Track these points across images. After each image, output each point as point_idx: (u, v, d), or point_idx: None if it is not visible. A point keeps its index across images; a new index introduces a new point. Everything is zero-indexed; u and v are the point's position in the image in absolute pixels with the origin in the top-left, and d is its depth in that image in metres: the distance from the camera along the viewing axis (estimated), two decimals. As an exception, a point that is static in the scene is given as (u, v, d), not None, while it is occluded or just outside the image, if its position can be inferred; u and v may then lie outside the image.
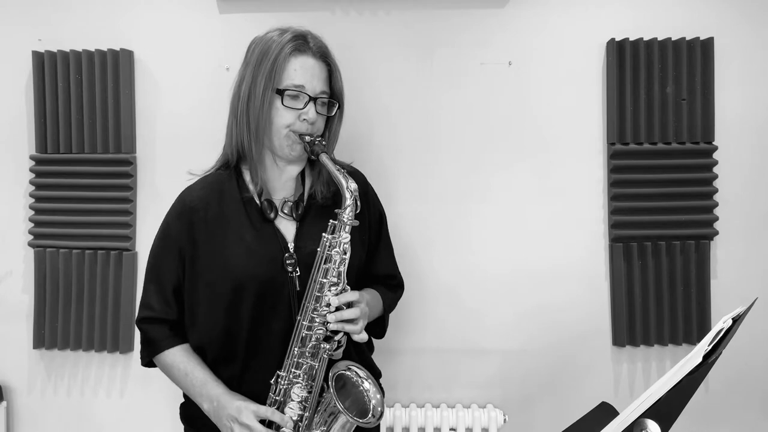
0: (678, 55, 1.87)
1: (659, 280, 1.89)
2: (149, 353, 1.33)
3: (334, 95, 1.33)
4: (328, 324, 1.20)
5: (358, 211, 1.23)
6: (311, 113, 1.26)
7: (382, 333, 1.50)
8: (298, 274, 1.27)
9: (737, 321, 0.94)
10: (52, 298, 1.95)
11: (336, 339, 1.23)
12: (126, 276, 1.92)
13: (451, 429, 1.85)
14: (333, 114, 1.34)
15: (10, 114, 1.97)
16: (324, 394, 1.26)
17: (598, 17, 1.89)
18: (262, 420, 1.20)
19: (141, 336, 1.35)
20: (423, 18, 1.89)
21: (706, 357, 0.84)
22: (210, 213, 1.28)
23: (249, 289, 1.25)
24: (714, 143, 1.88)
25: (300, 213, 1.33)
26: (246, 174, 1.34)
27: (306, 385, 1.24)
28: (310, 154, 1.26)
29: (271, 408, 1.22)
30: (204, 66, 1.91)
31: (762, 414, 1.96)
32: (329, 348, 1.22)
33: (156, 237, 1.35)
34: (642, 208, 1.88)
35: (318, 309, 1.21)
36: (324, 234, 1.22)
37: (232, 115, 1.30)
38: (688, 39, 1.87)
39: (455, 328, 1.93)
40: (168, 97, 1.94)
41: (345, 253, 1.22)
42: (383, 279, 1.48)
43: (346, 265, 1.22)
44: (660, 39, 1.87)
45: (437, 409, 1.87)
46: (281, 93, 1.24)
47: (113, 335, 1.94)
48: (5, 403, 1.99)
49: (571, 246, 1.91)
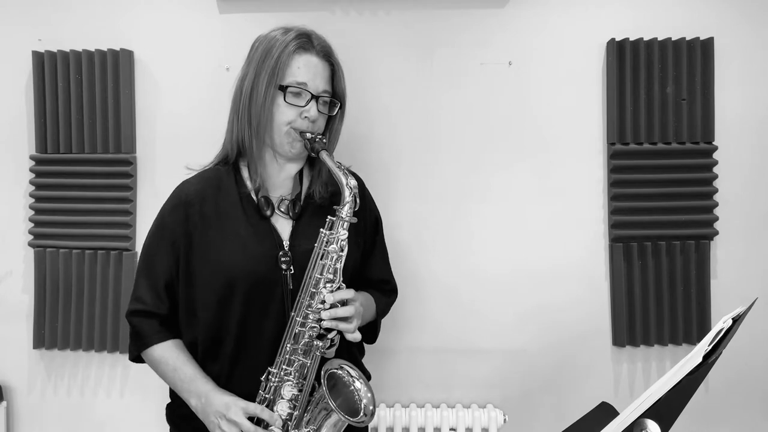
0: (678, 55, 1.87)
1: (659, 280, 1.89)
2: (138, 347, 1.32)
3: (335, 95, 1.33)
4: (321, 321, 1.19)
5: (356, 209, 1.23)
6: (313, 111, 1.26)
7: (374, 338, 1.49)
8: (292, 272, 1.27)
9: (737, 321, 0.94)
10: (52, 298, 1.95)
11: (329, 337, 1.22)
12: (126, 276, 1.92)
13: (451, 429, 1.85)
14: (334, 114, 1.34)
15: (10, 114, 1.97)
16: (314, 393, 1.25)
17: (598, 17, 1.89)
18: (250, 417, 1.19)
19: (130, 330, 1.33)
20: (423, 18, 1.89)
21: (706, 357, 0.84)
22: (206, 207, 1.28)
23: (241, 285, 1.24)
24: (714, 143, 1.88)
25: (297, 212, 1.33)
26: (244, 170, 1.34)
27: (297, 383, 1.23)
28: (310, 151, 1.25)
29: (261, 405, 1.21)
30: (204, 66, 1.91)
31: (762, 414, 1.96)
32: (322, 346, 1.21)
33: (150, 230, 1.34)
34: (642, 208, 1.88)
35: (312, 305, 1.21)
36: (321, 230, 1.22)
37: (233, 111, 1.31)
38: (688, 39, 1.87)
39: (455, 327, 1.93)
40: (168, 97, 1.94)
41: (342, 250, 1.22)
42: (377, 284, 1.47)
43: (342, 262, 1.22)
44: (660, 39, 1.87)
45: (437, 409, 1.87)
46: (284, 89, 1.24)
47: (113, 335, 1.94)
48: (5, 403, 1.99)
49: (571, 246, 1.91)
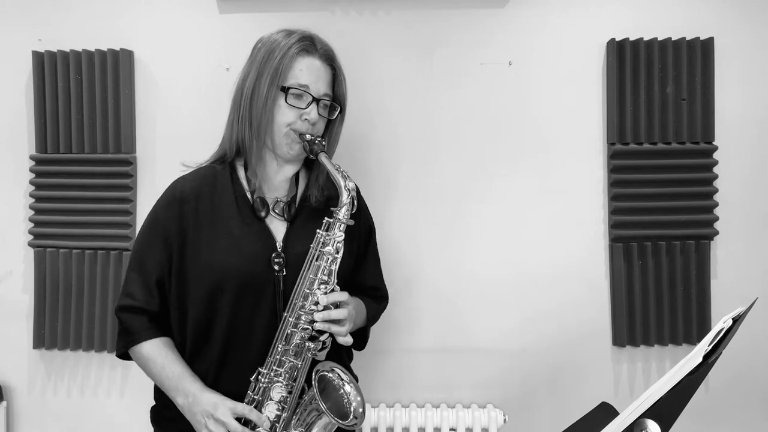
0: (678, 55, 1.87)
1: (659, 280, 1.89)
2: (126, 344, 1.31)
3: (336, 99, 1.34)
4: (314, 323, 1.19)
5: (354, 211, 1.23)
6: (313, 114, 1.27)
7: (363, 345, 1.48)
8: (284, 274, 1.27)
9: (737, 321, 0.94)
10: (52, 298, 1.95)
11: (321, 339, 1.22)
12: (126, 276, 1.92)
13: (451, 429, 1.85)
14: (334, 117, 1.34)
15: (10, 114, 1.97)
16: (304, 395, 1.24)
17: (598, 17, 1.89)
18: (238, 418, 1.19)
19: (118, 325, 1.32)
20: (423, 18, 1.89)
21: (706, 357, 0.84)
22: (201, 205, 1.28)
23: (233, 284, 1.24)
24: (714, 143, 1.88)
25: (292, 214, 1.33)
26: (240, 170, 1.34)
27: (287, 385, 1.23)
28: (309, 153, 1.25)
29: (249, 406, 1.21)
30: (204, 66, 1.91)
31: (762, 414, 1.96)
32: (314, 348, 1.21)
33: (143, 225, 1.33)
34: (642, 208, 1.88)
35: (305, 307, 1.21)
36: (318, 231, 1.23)
37: (234, 111, 1.31)
38: (688, 39, 1.87)
39: (455, 327, 1.93)
40: (168, 97, 1.94)
41: (337, 252, 1.22)
42: (368, 290, 1.48)
43: (337, 264, 1.22)
44: (660, 39, 1.87)
45: (437, 409, 1.87)
46: (285, 91, 1.25)
47: (113, 335, 1.93)
48: (5, 403, 1.99)
49: (571, 246, 1.91)
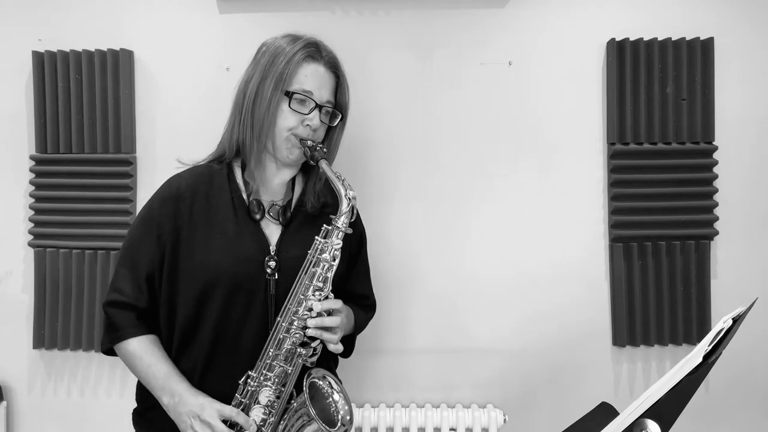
0: (678, 55, 1.87)
1: (659, 280, 1.89)
2: (112, 339, 1.29)
3: (337, 106, 1.34)
4: (306, 329, 1.20)
5: (353, 220, 1.23)
6: (316, 120, 1.28)
7: (349, 352, 1.48)
8: (276, 278, 1.27)
9: (737, 321, 0.94)
10: (52, 298, 1.95)
11: (313, 345, 1.22)
12: (126, 276, 1.92)
13: (451, 429, 1.85)
14: (334, 125, 1.35)
15: (10, 114, 1.97)
16: (292, 400, 1.24)
17: (598, 17, 1.89)
18: (224, 420, 1.18)
19: (105, 320, 1.30)
20: (423, 18, 1.89)
21: (706, 357, 0.84)
22: (196, 203, 1.28)
23: (224, 285, 1.24)
24: (714, 143, 1.88)
25: (287, 218, 1.33)
26: (237, 170, 1.34)
27: (275, 390, 1.23)
28: (309, 159, 1.26)
29: (236, 409, 1.21)
30: (204, 66, 1.91)
31: (762, 414, 1.96)
32: (305, 354, 1.21)
33: (135, 220, 1.32)
34: (642, 208, 1.88)
35: (299, 312, 1.21)
36: (317, 237, 1.23)
37: (236, 112, 1.31)
38: (688, 39, 1.87)
39: (455, 327, 1.93)
40: (168, 97, 1.94)
41: (334, 260, 1.22)
42: (357, 298, 1.48)
43: (333, 272, 1.23)
44: (660, 39, 1.87)
45: (437, 409, 1.87)
46: (289, 95, 1.25)
47: (113, 335, 1.93)
48: (5, 403, 1.99)
49: (571, 246, 1.91)
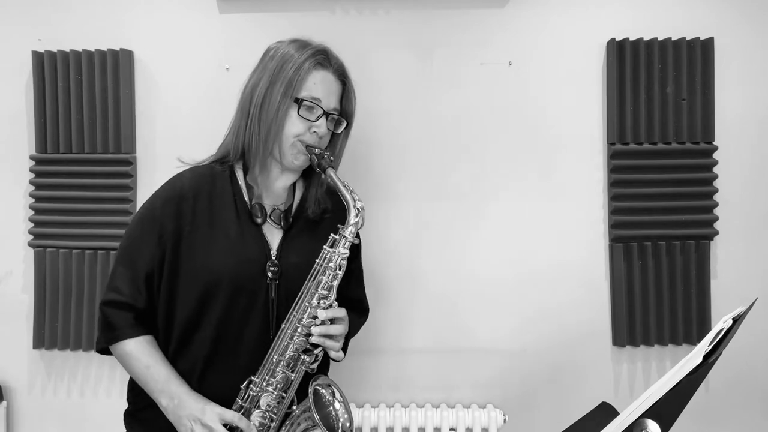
0: (678, 55, 1.87)
1: (659, 280, 1.89)
2: (108, 339, 1.27)
3: (342, 113, 1.35)
4: (310, 336, 1.21)
5: (360, 228, 1.24)
6: (323, 127, 1.28)
7: (342, 356, 1.48)
8: (276, 282, 1.27)
9: (737, 321, 0.94)
10: (52, 298, 1.95)
11: (315, 352, 1.23)
12: (126, 276, 1.92)
13: (451, 429, 1.85)
14: (339, 131, 1.36)
15: (10, 114, 1.97)
16: (293, 406, 1.25)
17: (598, 17, 1.89)
18: (225, 424, 1.19)
19: (101, 319, 1.28)
20: (423, 18, 1.89)
21: (706, 357, 0.84)
22: (199, 204, 1.28)
23: (225, 288, 1.24)
24: (714, 143, 1.88)
25: (288, 223, 1.34)
26: (239, 173, 1.34)
27: (277, 396, 1.23)
28: (316, 167, 1.27)
29: (237, 413, 1.21)
30: (204, 66, 1.91)
31: (762, 414, 1.95)
32: (308, 361, 1.22)
33: (134, 219, 1.31)
34: (642, 208, 1.88)
35: (303, 320, 1.22)
36: (324, 247, 1.24)
37: (242, 116, 1.30)
38: (688, 39, 1.87)
39: (455, 327, 1.93)
40: (168, 97, 1.94)
41: (340, 269, 1.23)
42: (351, 302, 1.47)
43: (338, 280, 1.24)
44: (660, 39, 1.87)
45: (437, 409, 1.87)
46: (299, 102, 1.25)
47: (113, 335, 1.93)
48: (5, 403, 1.99)
49: (571, 246, 1.91)
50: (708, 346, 0.85)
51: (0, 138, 1.98)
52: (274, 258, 1.29)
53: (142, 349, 1.26)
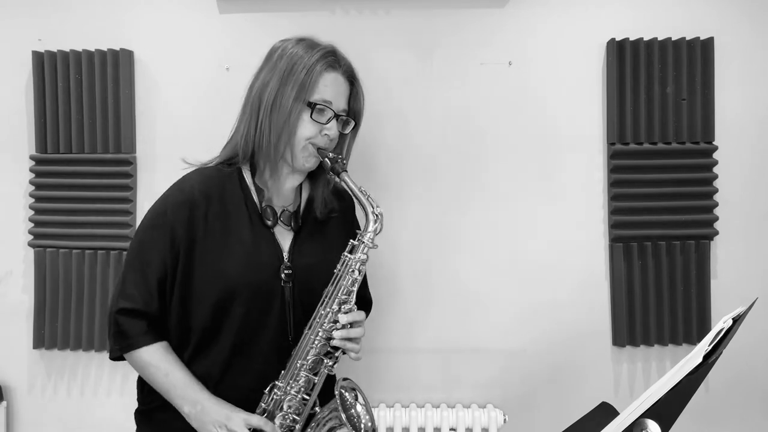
0: (678, 55, 1.87)
1: (659, 280, 1.89)
2: (122, 348, 1.26)
3: (350, 113, 1.34)
4: (331, 340, 1.22)
5: (378, 233, 1.26)
6: (334, 130, 1.28)
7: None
8: (290, 285, 1.28)
9: (737, 321, 0.94)
10: (52, 298, 1.95)
11: (336, 355, 1.25)
12: (126, 276, 1.92)
13: (451, 429, 1.85)
14: (347, 132, 1.35)
15: (10, 114, 1.97)
16: (315, 408, 1.27)
17: (598, 17, 1.89)
18: (250, 429, 1.19)
19: (114, 328, 1.26)
20: (423, 18, 1.89)
21: (706, 357, 0.84)
22: (211, 208, 1.26)
23: (243, 294, 1.24)
24: (714, 143, 1.88)
25: (298, 224, 1.34)
26: (247, 174, 1.33)
27: (300, 399, 1.24)
28: (329, 171, 1.27)
29: (263, 417, 1.22)
30: (204, 66, 1.91)
31: (762, 414, 1.95)
32: (331, 364, 1.25)
33: (145, 225, 1.28)
34: (642, 208, 1.88)
35: (325, 325, 1.23)
36: (344, 253, 1.25)
37: (250, 118, 1.28)
38: (688, 39, 1.87)
39: (455, 327, 1.93)
40: (168, 97, 1.94)
41: (359, 274, 1.25)
42: (357, 300, 1.48)
43: (357, 285, 1.25)
44: (660, 39, 1.87)
45: (437, 409, 1.87)
46: (312, 106, 1.24)
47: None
48: (5, 403, 1.99)
49: (571, 246, 1.91)
50: (708, 346, 0.85)
51: (0, 138, 1.98)
52: (286, 260, 1.29)
53: (159, 357, 1.25)
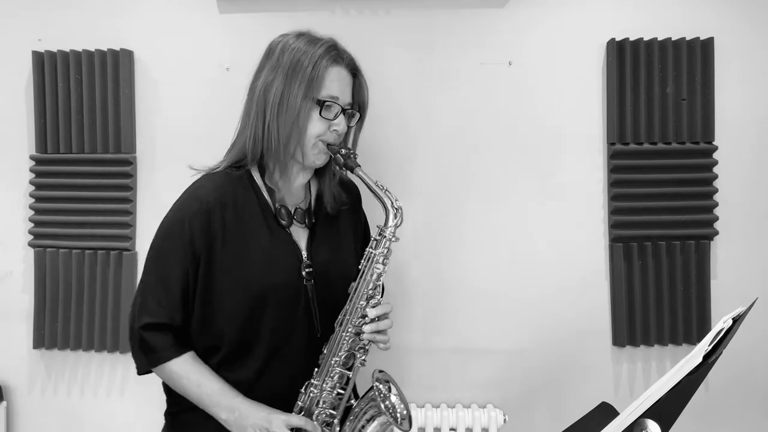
0: (678, 55, 1.86)
1: (659, 280, 1.89)
2: (151, 362, 1.24)
3: (355, 105, 1.34)
4: (361, 334, 1.24)
5: (399, 225, 1.26)
6: (342, 125, 1.28)
7: None
8: (312, 282, 1.28)
9: (737, 321, 0.94)
10: (52, 298, 1.95)
11: (366, 348, 1.27)
12: (126, 276, 1.92)
13: (451, 429, 1.85)
14: (353, 124, 1.35)
15: (10, 114, 1.97)
16: (351, 401, 1.29)
17: (598, 17, 1.89)
18: (291, 429, 1.20)
19: (140, 343, 1.24)
20: (423, 18, 1.89)
21: (706, 357, 0.84)
22: (227, 215, 1.24)
23: (271, 298, 1.24)
24: (714, 143, 1.88)
25: (312, 221, 1.34)
26: (256, 176, 1.31)
27: (336, 394, 1.27)
28: (342, 166, 1.27)
29: (303, 416, 1.23)
30: (204, 66, 1.91)
31: (762, 414, 1.95)
32: (361, 358, 1.27)
33: (161, 236, 1.26)
34: (642, 208, 1.88)
35: (354, 320, 1.25)
36: (368, 249, 1.26)
37: (257, 118, 1.25)
38: (688, 39, 1.87)
39: (455, 327, 1.93)
40: (168, 97, 1.94)
41: (384, 266, 1.26)
42: None
43: (382, 279, 1.26)
44: (660, 39, 1.87)
45: (437, 409, 1.87)
46: (320, 104, 1.24)
47: (113, 335, 1.93)
48: (5, 403, 1.99)
49: (571, 246, 1.91)
50: (708, 346, 0.85)
51: (0, 138, 1.98)
52: (306, 258, 1.29)
53: (189, 368, 1.24)
